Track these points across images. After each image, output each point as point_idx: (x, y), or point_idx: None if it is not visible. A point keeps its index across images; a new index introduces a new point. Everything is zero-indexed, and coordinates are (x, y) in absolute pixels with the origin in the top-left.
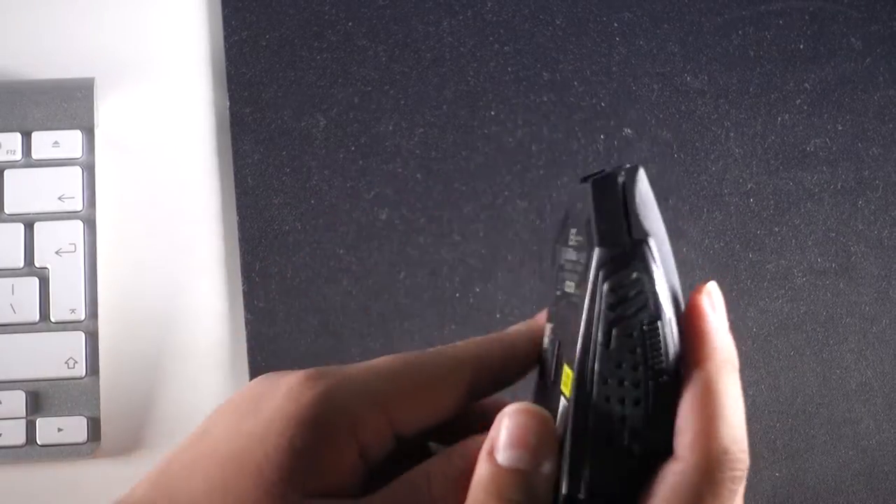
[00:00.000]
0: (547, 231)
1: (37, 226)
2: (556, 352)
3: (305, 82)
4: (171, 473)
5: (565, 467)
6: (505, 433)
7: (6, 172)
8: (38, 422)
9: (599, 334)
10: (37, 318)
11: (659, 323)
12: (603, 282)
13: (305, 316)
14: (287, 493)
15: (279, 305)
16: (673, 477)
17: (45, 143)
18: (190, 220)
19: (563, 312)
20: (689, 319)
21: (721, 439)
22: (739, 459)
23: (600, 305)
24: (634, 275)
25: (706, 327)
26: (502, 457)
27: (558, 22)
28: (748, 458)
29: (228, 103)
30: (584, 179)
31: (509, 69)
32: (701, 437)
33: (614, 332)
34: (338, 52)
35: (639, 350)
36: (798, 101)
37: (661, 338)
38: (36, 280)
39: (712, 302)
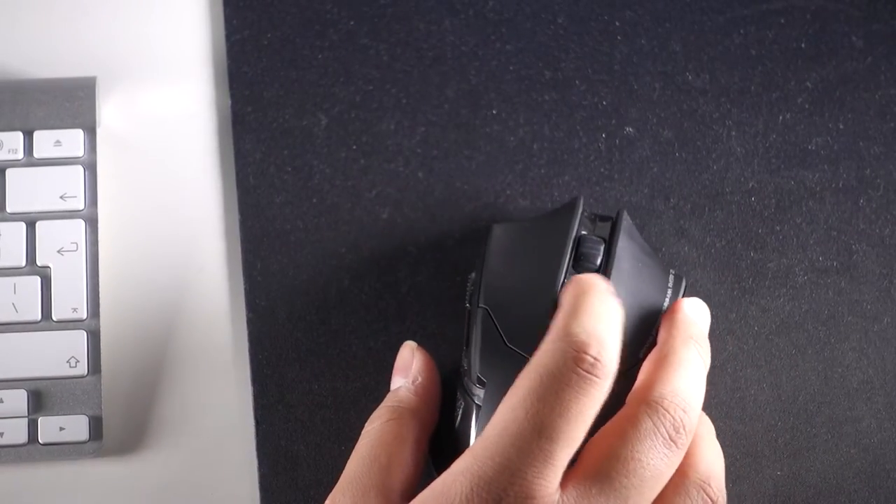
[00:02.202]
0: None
1: (38, 225)
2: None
3: (307, 81)
4: None
5: None
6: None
7: (8, 171)
8: (40, 421)
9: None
10: (38, 316)
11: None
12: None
13: (307, 315)
14: None
15: (280, 304)
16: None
17: (46, 142)
18: (191, 218)
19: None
20: (668, 311)
21: (656, 388)
22: (667, 409)
23: None
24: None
25: (675, 313)
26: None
27: (560, 21)
28: (685, 416)
29: (230, 102)
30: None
31: (511, 68)
32: (641, 385)
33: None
34: (339, 51)
35: None
36: (800, 100)
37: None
38: (37, 279)
39: (693, 305)
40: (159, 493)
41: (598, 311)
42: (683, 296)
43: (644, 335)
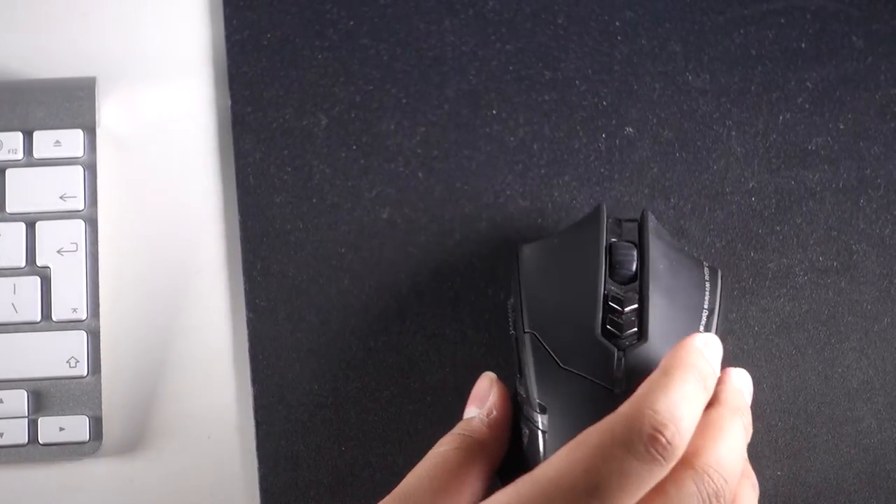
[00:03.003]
0: (548, 230)
1: (38, 225)
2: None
3: (307, 81)
4: None
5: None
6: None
7: (8, 171)
8: (40, 421)
9: None
10: (38, 317)
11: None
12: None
13: (307, 315)
14: None
15: (280, 304)
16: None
17: (46, 142)
18: (191, 219)
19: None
20: (718, 381)
21: (702, 456)
22: (711, 477)
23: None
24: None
25: (724, 384)
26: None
27: (560, 21)
28: (726, 486)
29: (230, 102)
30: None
31: (511, 68)
32: (687, 451)
33: None
34: (339, 51)
35: None
36: (800, 100)
37: None
38: (37, 279)
39: (740, 376)
40: (159, 493)
41: (687, 392)
42: (721, 287)
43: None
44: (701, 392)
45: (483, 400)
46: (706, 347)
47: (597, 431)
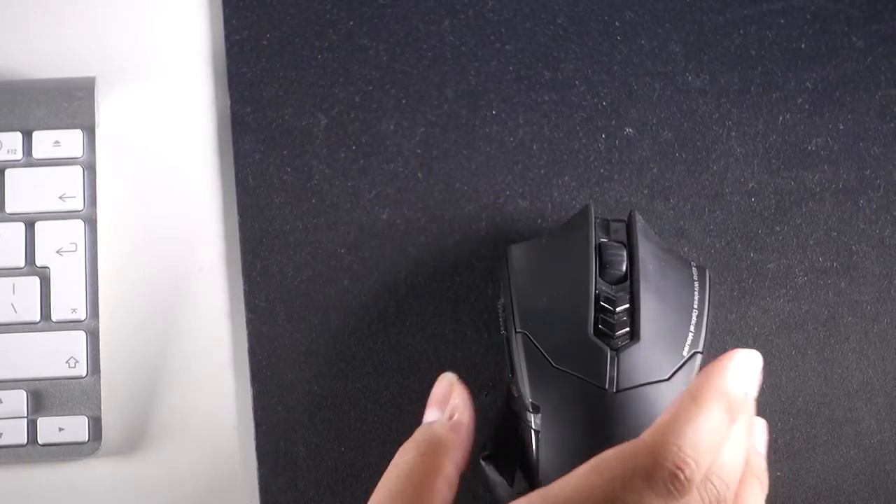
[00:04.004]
0: (548, 230)
1: (38, 225)
2: None
3: (306, 81)
4: None
5: None
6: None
7: (7, 172)
8: (40, 421)
9: None
10: (38, 317)
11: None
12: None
13: (306, 315)
14: None
15: (280, 305)
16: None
17: (45, 142)
18: (191, 219)
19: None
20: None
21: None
22: (714, 484)
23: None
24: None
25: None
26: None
27: (560, 21)
28: (728, 491)
29: (229, 102)
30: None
31: (510, 68)
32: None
33: None
34: (339, 52)
35: None
36: (799, 101)
37: None
38: (37, 279)
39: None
40: (159, 494)
41: (713, 425)
42: (709, 286)
43: (681, 335)
44: (728, 423)
45: (443, 403)
46: (742, 369)
47: (618, 458)
